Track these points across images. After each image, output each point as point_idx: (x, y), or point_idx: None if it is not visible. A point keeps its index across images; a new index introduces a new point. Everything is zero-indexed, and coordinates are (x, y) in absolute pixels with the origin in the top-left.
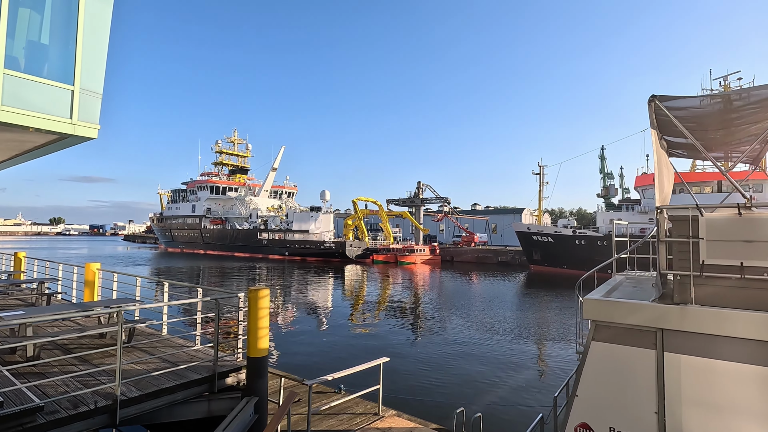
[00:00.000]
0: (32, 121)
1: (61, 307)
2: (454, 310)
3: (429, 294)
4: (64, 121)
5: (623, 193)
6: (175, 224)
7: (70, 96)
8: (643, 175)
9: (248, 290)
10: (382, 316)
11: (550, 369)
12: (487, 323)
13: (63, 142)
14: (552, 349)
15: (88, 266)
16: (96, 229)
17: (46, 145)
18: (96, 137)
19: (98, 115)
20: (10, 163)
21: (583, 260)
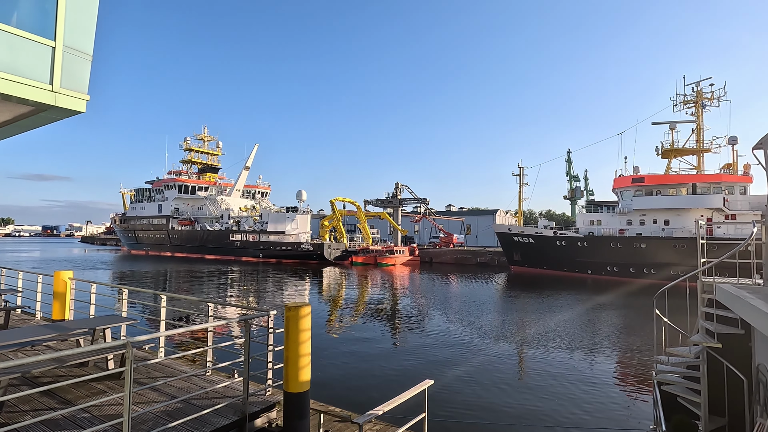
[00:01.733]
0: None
1: (30, 330)
2: (467, 317)
3: (427, 299)
4: (41, 87)
5: (588, 195)
6: (140, 225)
7: (50, 55)
8: (620, 177)
9: (285, 307)
10: (384, 323)
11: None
12: (505, 330)
13: (38, 117)
14: (625, 369)
15: (58, 275)
16: (49, 230)
17: (14, 121)
18: (84, 111)
19: (87, 82)
20: None
21: (564, 261)
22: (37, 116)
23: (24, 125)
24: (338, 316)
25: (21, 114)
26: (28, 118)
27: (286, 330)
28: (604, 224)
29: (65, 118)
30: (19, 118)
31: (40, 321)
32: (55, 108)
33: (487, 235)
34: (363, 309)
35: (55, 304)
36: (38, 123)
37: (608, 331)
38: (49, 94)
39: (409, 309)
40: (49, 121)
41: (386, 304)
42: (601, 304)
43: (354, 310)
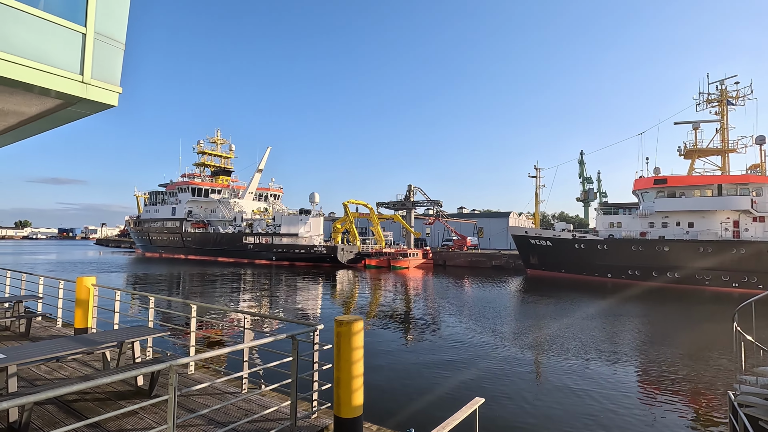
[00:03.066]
0: (21, 72)
1: (55, 343)
2: (495, 324)
3: (449, 305)
4: (71, 77)
5: (601, 197)
6: (154, 228)
7: (80, 42)
8: (642, 179)
9: (336, 322)
10: (412, 332)
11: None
12: (540, 339)
13: (67, 112)
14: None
15: (81, 281)
16: (65, 232)
17: (40, 117)
18: (116, 104)
19: (119, 72)
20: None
21: (583, 264)
22: (66, 111)
23: (51, 121)
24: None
25: (48, 109)
26: (55, 113)
27: (336, 347)
28: (625, 226)
29: (96, 112)
30: (46, 113)
31: (62, 329)
32: (85, 101)
33: (499, 238)
34: (385, 316)
35: (77, 311)
36: (66, 119)
37: (657, 345)
38: (79, 85)
39: (433, 316)
40: (78, 116)
41: (408, 310)
42: (629, 311)
43: (376, 317)
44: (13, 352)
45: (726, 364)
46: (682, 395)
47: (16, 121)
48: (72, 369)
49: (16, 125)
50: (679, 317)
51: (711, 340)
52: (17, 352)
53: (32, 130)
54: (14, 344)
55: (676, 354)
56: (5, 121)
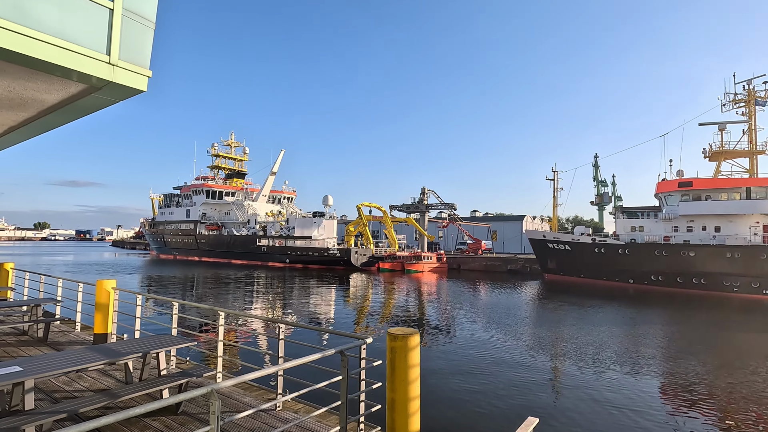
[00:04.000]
0: (42, 50)
1: (76, 354)
2: (527, 331)
3: (471, 311)
4: (98, 57)
5: (616, 201)
6: (168, 230)
7: (107, 18)
8: (665, 181)
9: (389, 335)
10: (442, 341)
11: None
12: (579, 349)
13: (91, 99)
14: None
15: (101, 284)
16: (82, 234)
17: (61, 105)
18: (145, 89)
19: (149, 54)
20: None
21: (603, 269)
22: (90, 98)
23: (73, 111)
24: (383, 330)
25: (70, 96)
26: (78, 100)
27: (390, 365)
28: (647, 231)
29: (122, 99)
30: (67, 102)
31: (81, 333)
32: (112, 86)
33: (514, 242)
34: (407, 323)
35: (97, 315)
36: (89, 108)
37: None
38: (106, 66)
39: (458, 324)
40: (102, 105)
41: (429, 317)
42: (657, 319)
43: (398, 325)
44: (30, 363)
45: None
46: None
47: (36, 112)
48: (92, 380)
49: (36, 116)
50: (717, 326)
51: (749, 350)
52: (35, 364)
53: (53, 122)
54: (32, 350)
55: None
56: (24, 111)
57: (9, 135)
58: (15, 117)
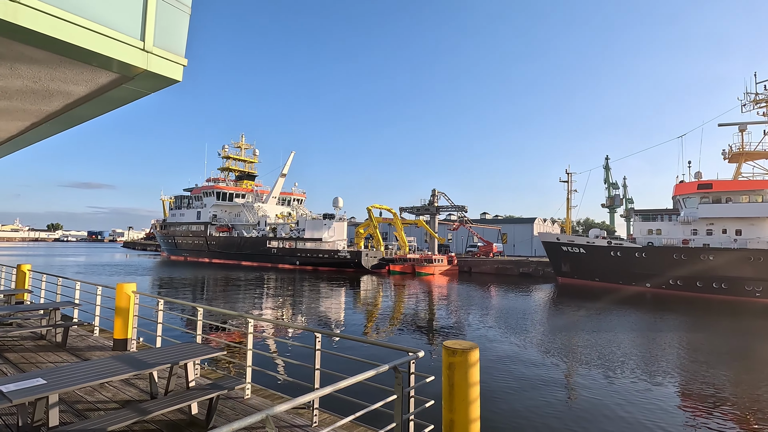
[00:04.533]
0: (72, 33)
1: (101, 364)
2: (557, 339)
3: (490, 315)
4: (131, 42)
5: (627, 204)
6: (179, 231)
7: (141, 2)
8: (683, 183)
9: (446, 349)
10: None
11: None
12: (628, 360)
13: (120, 92)
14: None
15: (121, 288)
16: (94, 235)
17: (89, 98)
18: (181, 80)
19: (185, 41)
20: (21, 141)
21: (619, 273)
22: (120, 89)
23: (102, 104)
24: (408, 337)
25: (100, 86)
26: (108, 92)
27: (448, 382)
28: (665, 234)
29: (155, 90)
30: (96, 94)
31: (99, 338)
32: (147, 74)
33: (524, 244)
34: (426, 328)
35: (117, 320)
36: (119, 100)
37: None
38: (140, 54)
39: (479, 330)
40: (133, 97)
41: (449, 323)
42: (685, 325)
43: (421, 331)
44: (54, 375)
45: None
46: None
47: (61, 105)
48: (114, 389)
49: (60, 110)
50: (740, 332)
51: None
52: (58, 375)
53: (77, 117)
54: (50, 356)
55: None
56: (49, 104)
57: (31, 131)
58: (38, 112)
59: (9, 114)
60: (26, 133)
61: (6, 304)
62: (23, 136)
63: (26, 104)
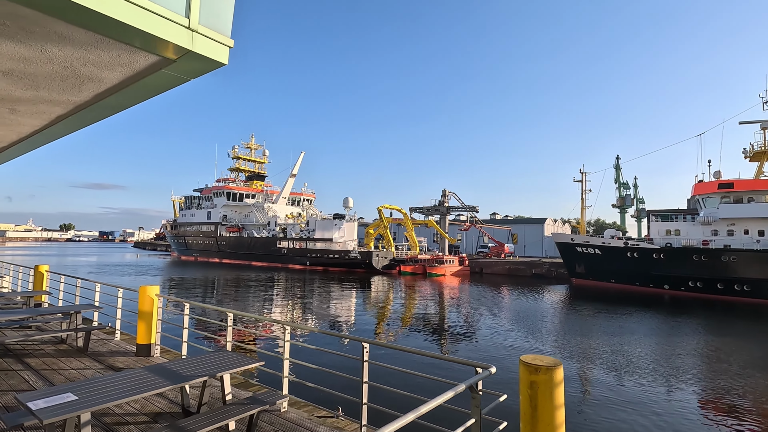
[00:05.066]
0: (114, 5)
1: (134, 376)
2: (586, 344)
3: (515, 318)
4: (175, 20)
5: (638, 204)
6: (190, 231)
7: None
8: (702, 183)
9: (524, 366)
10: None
11: None
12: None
13: (157, 78)
14: None
15: (144, 291)
16: (105, 235)
17: (122, 86)
18: (226, 62)
19: (231, 21)
20: (45, 136)
21: (636, 275)
22: (159, 75)
23: (136, 92)
24: (432, 342)
25: (136, 72)
26: (145, 77)
27: (529, 403)
28: (684, 234)
29: (197, 76)
30: (131, 80)
31: (121, 342)
32: (190, 56)
33: (534, 245)
34: (455, 333)
35: (140, 324)
36: (155, 87)
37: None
38: (185, 32)
39: (504, 335)
40: (171, 84)
41: (472, 326)
42: (714, 329)
43: (448, 336)
44: (84, 390)
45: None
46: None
47: (92, 95)
48: (143, 400)
49: (91, 100)
50: (765, 336)
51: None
52: (89, 389)
53: (109, 108)
54: (72, 361)
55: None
56: (79, 94)
57: (57, 125)
58: (66, 103)
59: (34, 105)
60: (51, 127)
61: (25, 306)
62: (48, 130)
63: (54, 94)
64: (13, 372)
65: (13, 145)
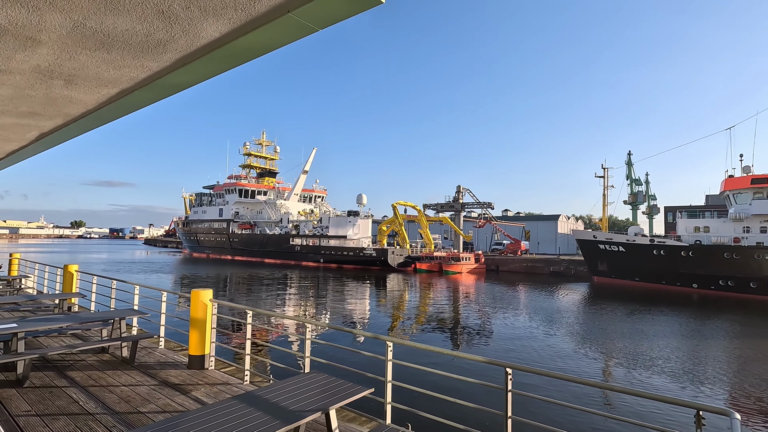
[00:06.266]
0: None
1: (232, 410)
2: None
3: (546, 319)
4: None
5: (650, 200)
6: (201, 228)
7: None
8: (733, 178)
9: None
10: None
11: None
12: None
13: (278, 28)
14: None
15: (197, 295)
16: (115, 232)
17: (224, 41)
18: (384, 1)
19: None
20: (101, 116)
21: (663, 273)
22: (279, 22)
23: (235, 53)
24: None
25: (248, 20)
26: (256, 30)
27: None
28: (713, 231)
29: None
30: (237, 33)
31: (168, 352)
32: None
33: (548, 242)
34: (486, 337)
35: (192, 333)
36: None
37: None
38: None
39: (541, 337)
40: (292, 36)
41: (508, 330)
42: None
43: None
44: (183, 426)
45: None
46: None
47: (177, 57)
48: None
49: (180, 61)
50: None
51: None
52: (185, 428)
53: (199, 74)
54: (120, 375)
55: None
56: (160, 57)
57: (119, 101)
58: (141, 68)
59: (114, 68)
60: (114, 103)
61: (58, 310)
62: (110, 106)
63: (128, 58)
64: (58, 390)
65: (65, 126)
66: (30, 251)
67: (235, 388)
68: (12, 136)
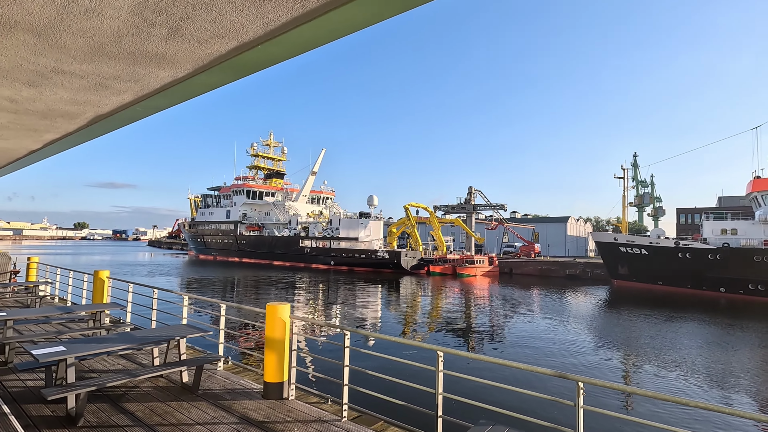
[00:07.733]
0: None
1: None
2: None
3: (576, 325)
4: None
5: (655, 202)
6: (208, 230)
7: None
8: (760, 179)
9: None
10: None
11: None
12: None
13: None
14: None
15: (273, 310)
16: (119, 234)
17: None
18: None
19: None
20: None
21: (688, 277)
22: None
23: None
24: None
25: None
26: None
27: None
28: (741, 234)
29: None
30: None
31: (233, 377)
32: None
33: (557, 245)
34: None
35: (269, 356)
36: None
37: None
38: None
39: (574, 344)
40: None
41: (536, 338)
42: None
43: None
44: None
45: None
46: None
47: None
48: None
49: (227, 54)
50: None
51: None
52: None
53: (236, 70)
54: (191, 410)
55: None
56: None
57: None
58: (155, 80)
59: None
60: (128, 108)
61: (96, 323)
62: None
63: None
64: (119, 429)
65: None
66: (34, 253)
67: (334, 428)
68: (30, 137)
